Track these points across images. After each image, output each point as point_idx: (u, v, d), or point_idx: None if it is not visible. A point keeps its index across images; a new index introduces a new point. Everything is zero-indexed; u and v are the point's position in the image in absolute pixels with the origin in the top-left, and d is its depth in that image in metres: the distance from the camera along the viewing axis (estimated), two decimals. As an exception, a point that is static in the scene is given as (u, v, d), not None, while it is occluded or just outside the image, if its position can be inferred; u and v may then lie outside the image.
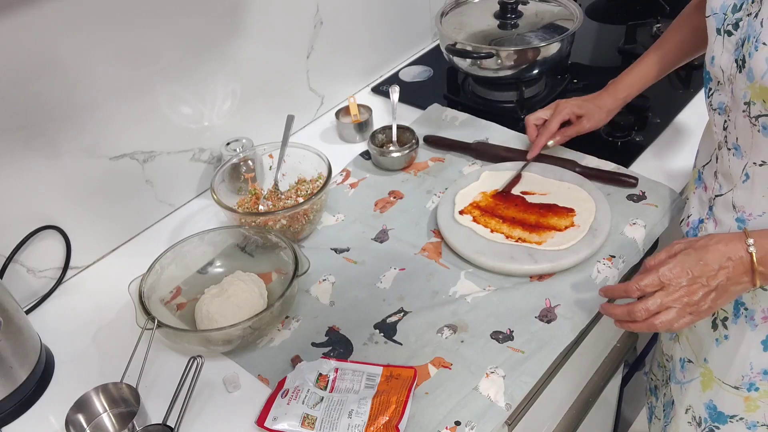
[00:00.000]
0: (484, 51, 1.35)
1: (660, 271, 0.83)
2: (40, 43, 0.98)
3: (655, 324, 0.84)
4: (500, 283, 1.04)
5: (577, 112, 1.20)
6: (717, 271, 0.82)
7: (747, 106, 0.83)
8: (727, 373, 1.00)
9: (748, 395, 0.99)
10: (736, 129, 0.87)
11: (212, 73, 1.24)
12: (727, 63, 0.85)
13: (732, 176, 0.91)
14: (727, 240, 0.83)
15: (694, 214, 1.02)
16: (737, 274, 0.82)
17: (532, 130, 1.24)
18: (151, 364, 0.96)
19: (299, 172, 1.24)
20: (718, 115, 0.91)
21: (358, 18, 1.49)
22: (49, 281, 1.13)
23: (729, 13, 0.84)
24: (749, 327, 0.95)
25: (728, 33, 0.84)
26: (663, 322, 0.83)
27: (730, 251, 0.82)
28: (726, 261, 0.82)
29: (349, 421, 0.84)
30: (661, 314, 0.83)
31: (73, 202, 1.12)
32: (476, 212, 1.13)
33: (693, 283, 0.82)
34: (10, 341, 0.92)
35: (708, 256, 0.82)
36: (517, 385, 0.90)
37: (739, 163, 0.89)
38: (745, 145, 0.87)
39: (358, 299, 1.05)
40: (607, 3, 1.84)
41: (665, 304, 0.83)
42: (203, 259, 1.10)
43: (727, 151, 0.91)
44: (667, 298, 0.83)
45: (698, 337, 1.05)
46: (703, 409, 1.06)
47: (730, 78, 0.85)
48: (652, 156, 1.26)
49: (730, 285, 0.83)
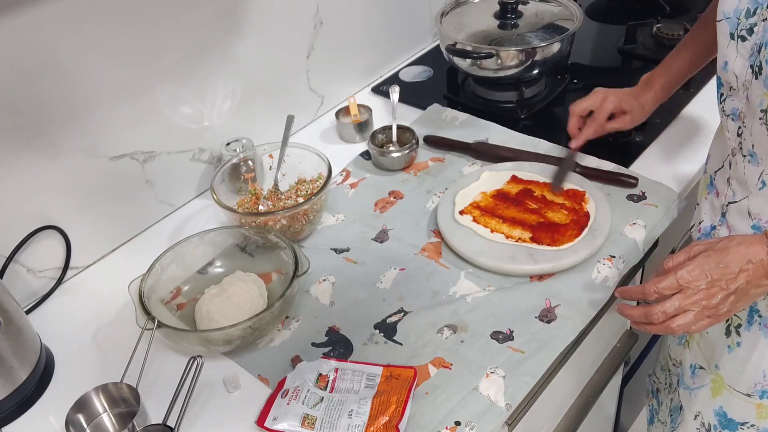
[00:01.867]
0: (484, 51, 1.35)
1: (678, 273, 0.82)
2: (40, 43, 0.98)
3: (672, 327, 0.82)
4: (500, 283, 1.04)
5: (623, 107, 1.16)
6: (737, 275, 0.80)
7: (764, 114, 0.81)
8: (739, 381, 0.99)
9: (760, 402, 0.98)
10: (752, 136, 0.85)
11: (212, 73, 1.24)
12: (741, 69, 0.83)
13: (747, 183, 0.90)
14: (748, 242, 0.81)
15: (706, 220, 1.00)
16: (757, 277, 0.80)
17: (575, 121, 1.19)
18: (151, 364, 0.96)
19: (299, 172, 1.23)
20: (732, 121, 0.89)
21: (358, 18, 1.49)
22: (49, 281, 1.13)
23: (742, 18, 0.82)
24: (763, 334, 0.94)
25: (742, 38, 0.82)
26: (680, 325, 0.82)
27: (750, 254, 0.80)
28: (746, 264, 0.80)
29: (349, 421, 0.84)
30: (679, 317, 0.82)
31: (73, 202, 1.12)
32: (476, 212, 1.13)
33: (712, 286, 0.81)
34: (10, 341, 0.92)
35: (728, 258, 0.81)
36: (517, 385, 0.90)
37: (755, 170, 0.87)
38: (761, 152, 0.85)
39: (358, 299, 1.05)
40: (607, 3, 1.84)
41: (683, 307, 0.82)
42: (203, 259, 1.10)
43: (742, 158, 0.89)
44: (685, 301, 0.81)
45: (710, 344, 1.04)
46: (712, 415, 1.05)
47: (744, 84, 0.83)
48: (652, 156, 1.26)
49: (750, 288, 0.81)
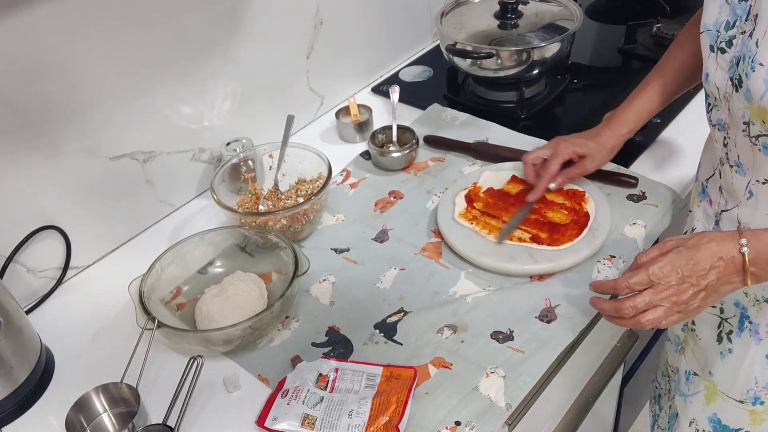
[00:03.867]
0: (484, 51, 1.35)
1: (650, 269, 0.82)
2: (40, 43, 0.98)
3: (641, 322, 0.84)
4: (500, 283, 1.04)
5: (579, 152, 1.12)
6: (708, 271, 0.81)
7: (746, 126, 0.82)
8: (732, 387, 0.99)
9: (753, 409, 0.98)
10: (737, 147, 0.86)
11: (212, 73, 1.24)
12: (721, 81, 0.83)
13: (736, 193, 0.90)
14: (720, 239, 0.81)
15: (699, 227, 1.00)
16: (728, 274, 0.81)
17: (530, 171, 1.15)
18: (151, 364, 0.96)
19: (299, 172, 1.23)
20: (718, 131, 0.89)
21: (358, 18, 1.49)
22: (49, 281, 1.13)
23: (722, 30, 0.82)
24: (754, 341, 0.94)
25: (722, 50, 0.82)
26: (650, 320, 0.83)
27: (722, 251, 0.81)
28: (717, 261, 0.81)
29: (349, 421, 0.84)
30: (649, 312, 0.83)
31: (73, 202, 1.12)
32: (476, 212, 1.13)
33: (682, 282, 0.81)
34: (10, 341, 0.92)
35: (699, 255, 0.81)
36: (517, 385, 0.90)
37: (742, 180, 0.88)
38: (747, 163, 0.86)
39: (358, 299, 1.05)
40: (607, 3, 1.84)
41: (653, 302, 0.82)
42: (203, 259, 1.10)
43: (729, 168, 0.90)
44: (655, 296, 0.82)
45: (703, 350, 1.04)
46: (707, 422, 1.05)
47: (726, 96, 0.84)
48: (652, 156, 1.26)
49: (720, 285, 0.82)
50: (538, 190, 1.12)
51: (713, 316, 1.01)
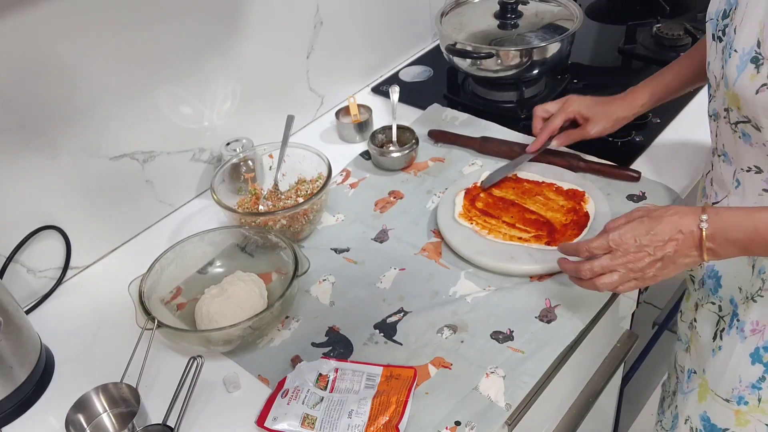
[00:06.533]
0: (484, 51, 1.35)
1: (611, 235, 0.85)
2: (40, 43, 0.98)
3: (597, 284, 0.87)
4: (500, 283, 1.04)
5: (584, 113, 1.15)
6: (666, 243, 0.82)
7: (727, 113, 0.84)
8: (719, 385, 1.00)
9: (738, 409, 0.98)
10: (722, 135, 0.88)
11: (212, 73, 1.24)
12: (717, 69, 0.85)
13: (725, 183, 0.92)
14: (683, 213, 0.83)
15: None
16: (686, 248, 0.82)
17: (537, 122, 1.20)
18: (151, 364, 0.96)
19: (299, 172, 1.23)
20: (713, 122, 0.91)
21: (358, 18, 1.49)
22: (49, 281, 1.13)
23: (720, 20, 0.84)
24: (739, 339, 0.94)
25: (719, 39, 0.84)
26: (604, 283, 0.86)
27: (682, 224, 0.82)
28: (677, 233, 0.82)
29: (349, 421, 0.84)
30: (605, 276, 0.86)
31: (73, 202, 1.12)
32: (476, 212, 1.13)
33: (640, 251, 0.83)
34: (10, 341, 0.92)
35: (660, 226, 0.83)
36: (517, 385, 0.90)
37: (729, 169, 0.90)
38: (731, 151, 0.88)
39: (358, 299, 1.05)
40: (607, 3, 1.84)
41: (609, 267, 0.85)
42: (203, 259, 1.10)
43: (718, 158, 0.92)
44: (612, 261, 0.85)
45: (702, 348, 1.04)
46: (698, 420, 1.06)
47: (718, 84, 0.86)
48: (652, 156, 1.26)
49: (677, 257, 0.83)
50: (538, 141, 1.18)
51: (713, 314, 1.01)
